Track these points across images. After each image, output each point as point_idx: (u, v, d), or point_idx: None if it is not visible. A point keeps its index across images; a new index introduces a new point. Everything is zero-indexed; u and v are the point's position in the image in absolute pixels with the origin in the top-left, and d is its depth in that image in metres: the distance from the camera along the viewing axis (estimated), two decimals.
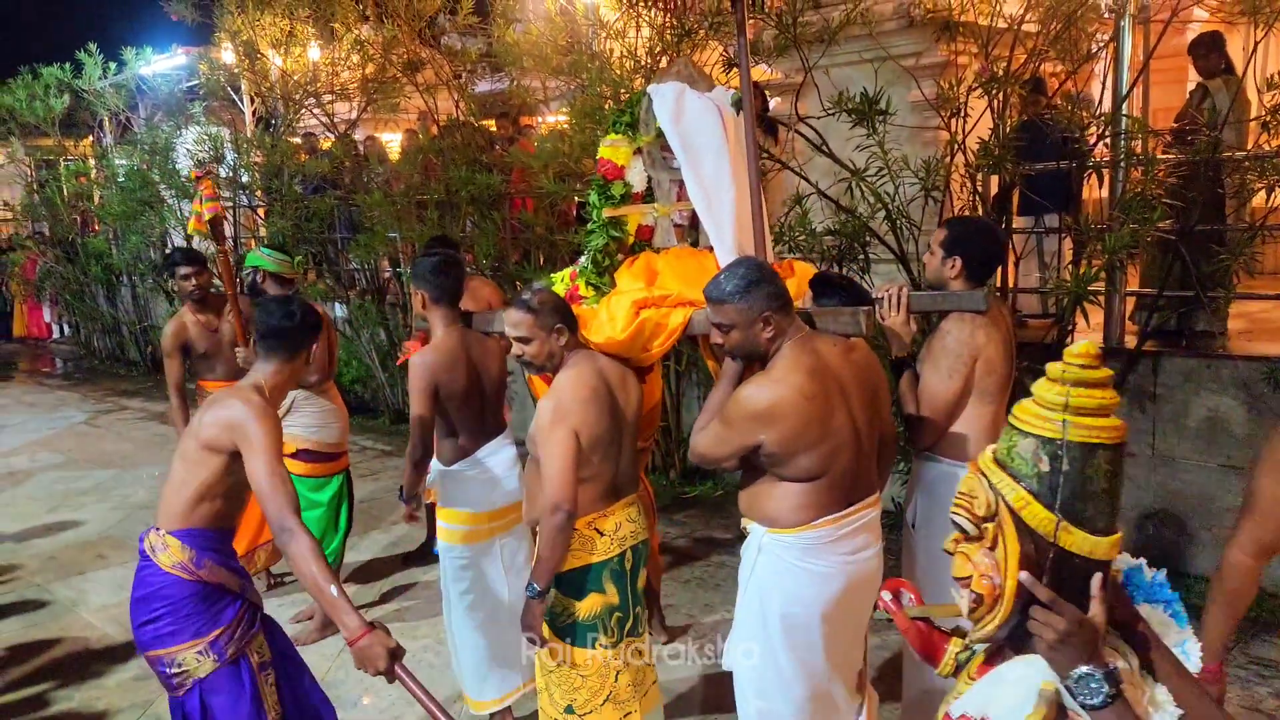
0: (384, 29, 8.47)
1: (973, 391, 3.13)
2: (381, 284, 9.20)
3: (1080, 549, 1.46)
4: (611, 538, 3.07)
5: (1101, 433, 1.43)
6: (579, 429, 2.92)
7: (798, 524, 2.69)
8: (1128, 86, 5.08)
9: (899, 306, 3.10)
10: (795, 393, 2.60)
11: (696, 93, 3.39)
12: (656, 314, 3.13)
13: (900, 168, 5.08)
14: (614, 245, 3.44)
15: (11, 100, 12.74)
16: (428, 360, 3.54)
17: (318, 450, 4.83)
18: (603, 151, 3.52)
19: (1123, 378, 5.08)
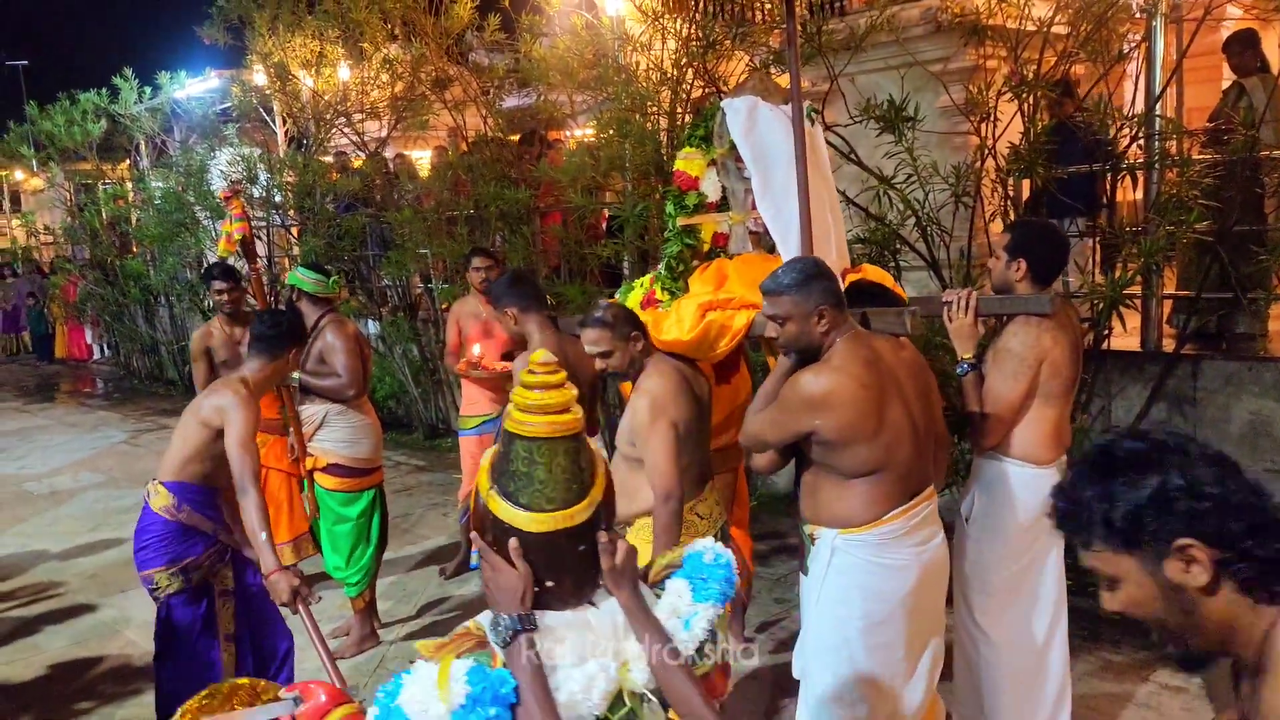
0: (412, 48, 8.54)
1: (1037, 394, 3.17)
2: (413, 300, 9.27)
3: (503, 516, 1.71)
4: (707, 520, 3.28)
5: (520, 426, 1.72)
6: (676, 421, 3.09)
7: (870, 520, 2.75)
8: (1161, 87, 5.02)
9: (967, 309, 3.15)
10: (853, 381, 2.68)
11: (769, 105, 3.50)
12: (721, 316, 3.29)
13: (930, 174, 5.05)
14: (688, 252, 3.65)
15: (51, 126, 13.01)
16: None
17: (349, 465, 4.85)
18: (678, 164, 3.73)
19: (1161, 382, 5.00)
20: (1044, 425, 3.20)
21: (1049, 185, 5.02)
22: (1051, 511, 1.58)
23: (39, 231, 17.40)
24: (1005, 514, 3.25)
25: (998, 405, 3.16)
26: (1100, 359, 5.10)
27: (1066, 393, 3.25)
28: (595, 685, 1.72)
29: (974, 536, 3.32)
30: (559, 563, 1.74)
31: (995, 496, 3.26)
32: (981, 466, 3.33)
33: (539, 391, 1.75)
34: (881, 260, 5.28)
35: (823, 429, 2.70)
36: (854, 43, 5.38)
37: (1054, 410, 3.21)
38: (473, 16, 8.21)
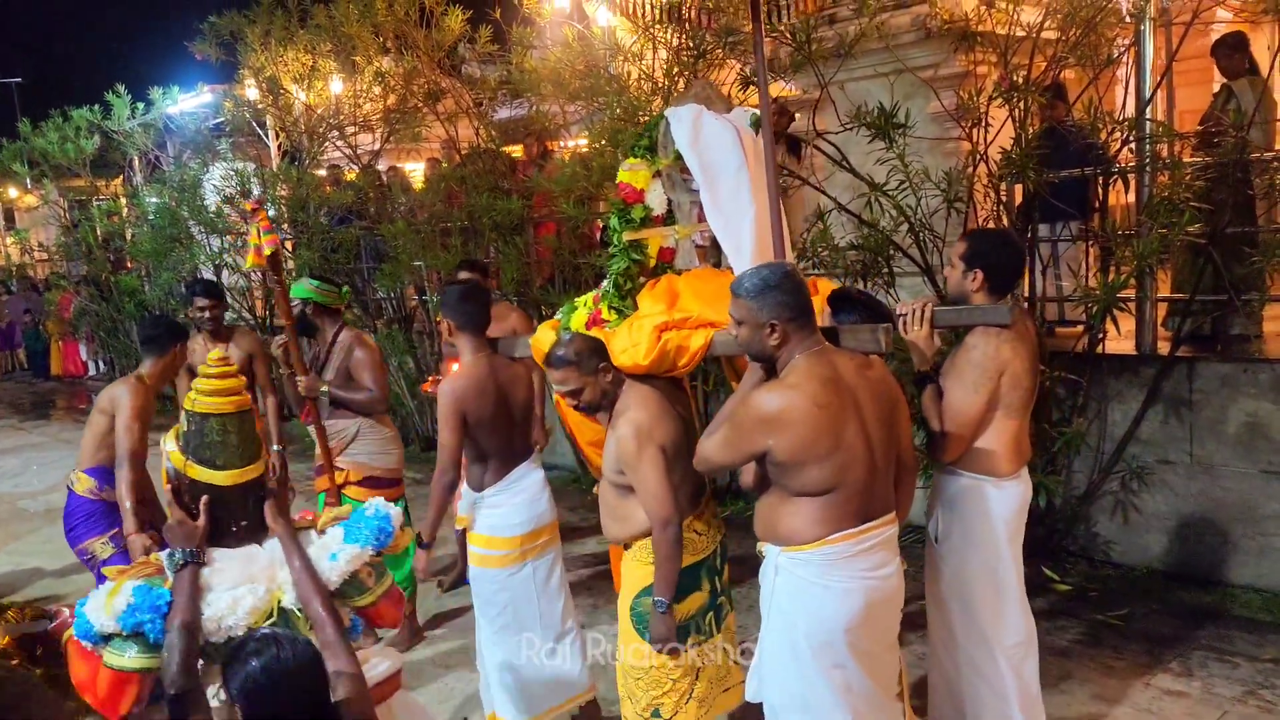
0: (404, 60, 8.55)
1: (998, 405, 3.11)
2: (408, 312, 9.25)
3: (202, 478, 2.47)
4: (705, 535, 3.23)
5: (211, 407, 2.48)
6: (663, 443, 3.05)
7: (814, 539, 2.66)
8: (1151, 90, 5.03)
9: (923, 321, 3.07)
10: (807, 400, 2.59)
11: (714, 114, 3.39)
12: (678, 336, 3.14)
13: (922, 180, 5.05)
14: (635, 268, 3.45)
15: (44, 143, 12.98)
16: (456, 386, 3.61)
17: (381, 476, 4.84)
18: (622, 175, 3.54)
19: (1157, 385, 5.00)
20: (1004, 437, 3.14)
21: (1040, 190, 5.02)
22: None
23: (33, 249, 17.36)
24: (973, 529, 3.18)
25: (959, 418, 3.09)
26: (1095, 363, 5.10)
27: (1026, 404, 3.18)
28: (241, 604, 2.37)
29: (945, 556, 3.25)
30: (242, 508, 2.52)
31: (961, 513, 3.20)
32: (943, 483, 3.26)
33: (220, 380, 2.51)
34: (875, 266, 5.28)
35: (775, 448, 2.60)
36: (844, 50, 5.38)
37: (1014, 422, 3.14)
38: (464, 29, 8.21)
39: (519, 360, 3.81)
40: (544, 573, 3.82)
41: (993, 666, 3.24)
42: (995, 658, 3.24)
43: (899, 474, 2.83)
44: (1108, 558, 5.27)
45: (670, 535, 2.98)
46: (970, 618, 3.25)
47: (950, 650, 3.32)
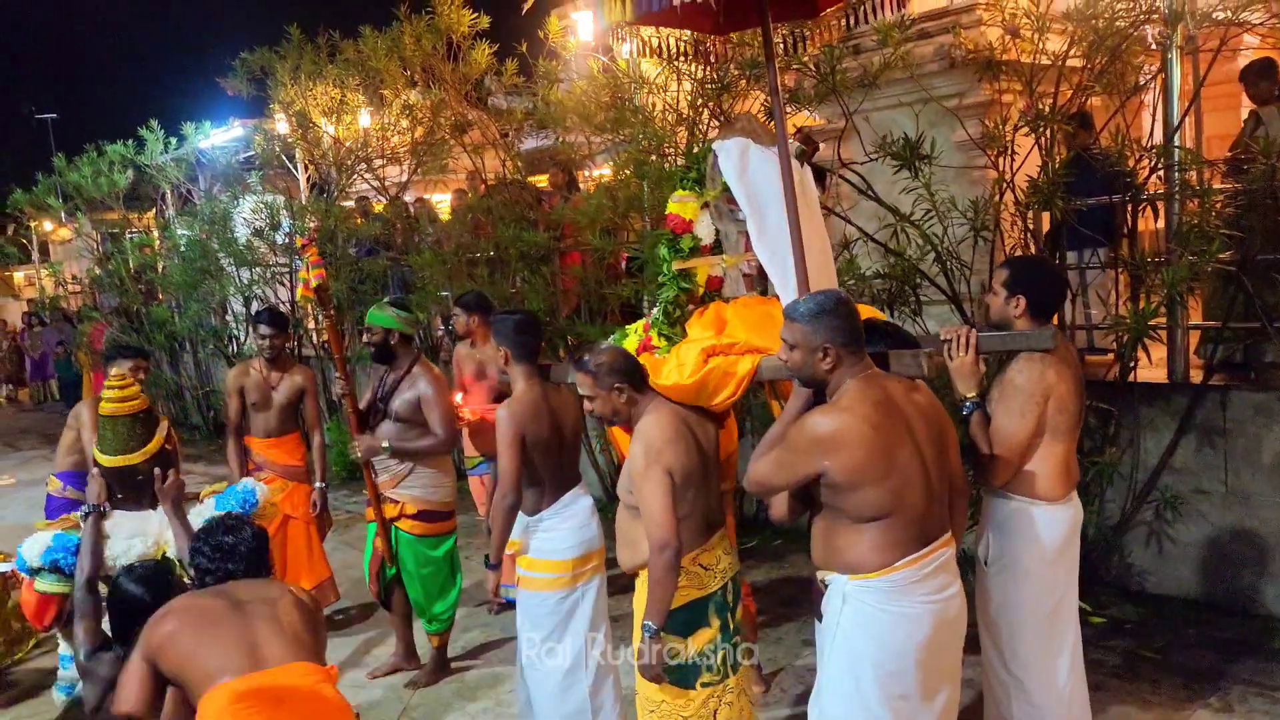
0: (431, 93, 8.66)
1: (1045, 429, 3.14)
2: (434, 342, 9.30)
3: (106, 463, 3.56)
4: (714, 571, 3.18)
5: (120, 409, 3.54)
6: (672, 467, 3.03)
7: (881, 566, 2.68)
8: (1179, 117, 5.00)
9: (967, 347, 3.12)
10: (862, 421, 2.64)
11: (760, 147, 3.49)
12: (724, 361, 3.21)
13: (948, 209, 5.04)
14: (684, 296, 3.59)
15: (78, 178, 13.23)
16: (514, 411, 3.69)
17: (436, 509, 4.84)
18: (671, 207, 3.68)
19: (1189, 413, 4.94)
20: (1053, 461, 3.17)
21: (1068, 217, 5.00)
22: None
23: (66, 281, 17.63)
24: (1024, 554, 3.19)
25: (1006, 443, 3.13)
26: (1127, 391, 5.05)
27: (1073, 427, 3.22)
28: (133, 549, 3.46)
29: (996, 580, 3.26)
30: (130, 482, 3.58)
31: (1010, 536, 3.22)
32: (992, 506, 3.28)
33: (119, 391, 3.56)
34: (902, 295, 5.27)
35: (831, 470, 2.64)
36: (868, 80, 5.40)
37: (1062, 446, 3.17)
38: (491, 62, 8.31)
39: (570, 387, 3.86)
40: (591, 598, 3.85)
41: (1043, 693, 3.23)
42: (1045, 683, 3.23)
43: (952, 497, 2.86)
44: (1142, 588, 5.19)
45: (664, 560, 2.95)
46: (1020, 642, 3.25)
47: (1000, 675, 3.32)
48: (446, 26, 7.95)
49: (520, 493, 3.73)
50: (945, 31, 5.95)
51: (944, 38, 5.93)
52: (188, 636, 2.66)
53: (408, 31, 8.12)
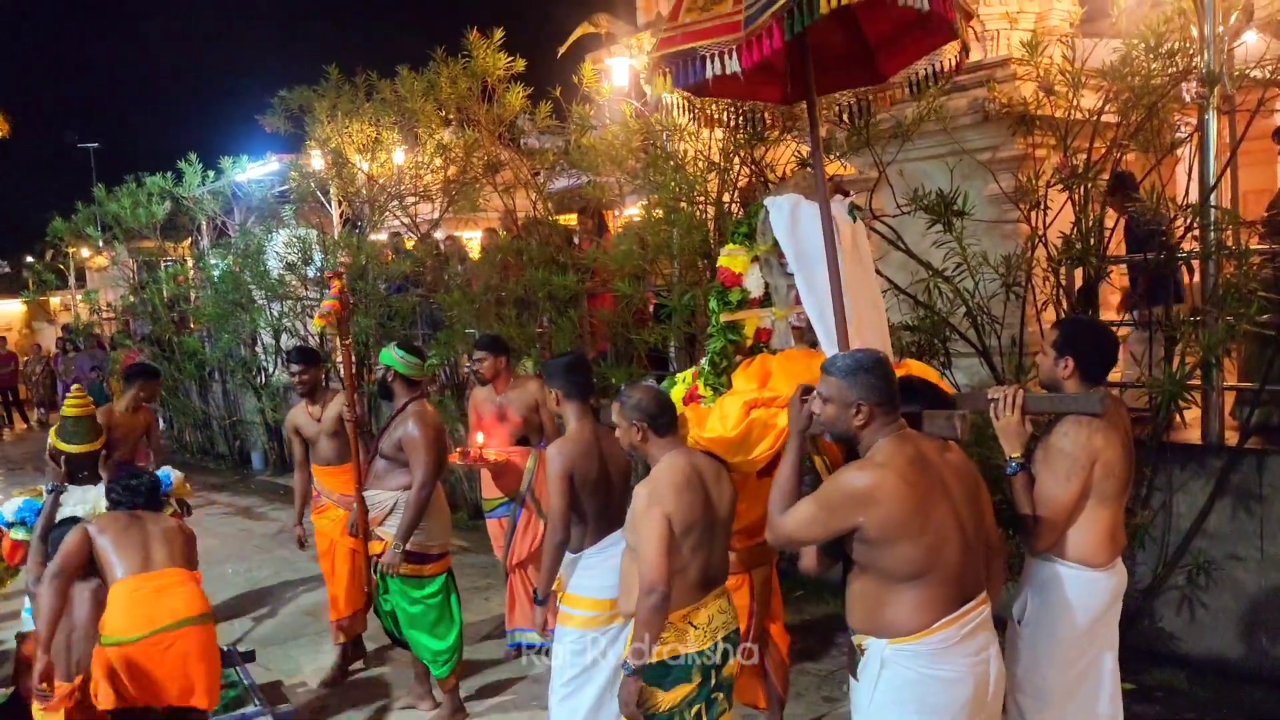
0: (465, 133, 8.75)
1: (1091, 494, 3.10)
2: (461, 380, 9.32)
3: (64, 449, 4.95)
4: (705, 630, 3.17)
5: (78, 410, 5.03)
6: (672, 514, 3.06)
7: (920, 628, 2.65)
8: (1215, 177, 4.96)
9: (1013, 408, 3.09)
10: (897, 477, 2.64)
11: (811, 203, 3.52)
12: (765, 414, 3.24)
13: (979, 263, 5.01)
14: (731, 348, 3.64)
15: (117, 208, 13.45)
16: (566, 450, 3.73)
17: (416, 551, 4.78)
18: (721, 260, 3.75)
19: (1224, 476, 4.85)
20: (1098, 527, 3.12)
21: (1104, 274, 4.95)
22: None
23: (101, 308, 17.87)
24: (1059, 617, 3.15)
25: (1050, 507, 3.09)
26: (1160, 453, 4.96)
27: (1121, 493, 3.17)
28: (76, 512, 4.56)
29: (1027, 640, 3.22)
30: (84, 465, 4.97)
31: (1048, 599, 3.17)
32: (1034, 568, 3.24)
33: (76, 401, 4.99)
34: (931, 348, 5.23)
35: (867, 525, 2.63)
36: (901, 132, 5.39)
37: (1108, 511, 3.13)
38: (524, 104, 8.40)
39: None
40: (624, 642, 3.79)
41: None
42: None
43: (988, 556, 2.84)
44: (1174, 654, 5.07)
45: (651, 602, 2.98)
46: (1041, 707, 3.19)
47: None
48: (482, 69, 8.04)
49: (569, 530, 3.76)
50: (980, 85, 5.95)
51: (978, 91, 5.93)
52: (108, 537, 4.06)
53: (444, 73, 8.22)
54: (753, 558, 3.95)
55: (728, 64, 2.90)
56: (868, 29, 3.67)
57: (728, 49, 2.90)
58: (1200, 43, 4.85)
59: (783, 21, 2.80)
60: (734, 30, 2.88)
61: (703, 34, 2.99)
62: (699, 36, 3.00)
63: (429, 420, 4.77)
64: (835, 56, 3.70)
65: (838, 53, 3.68)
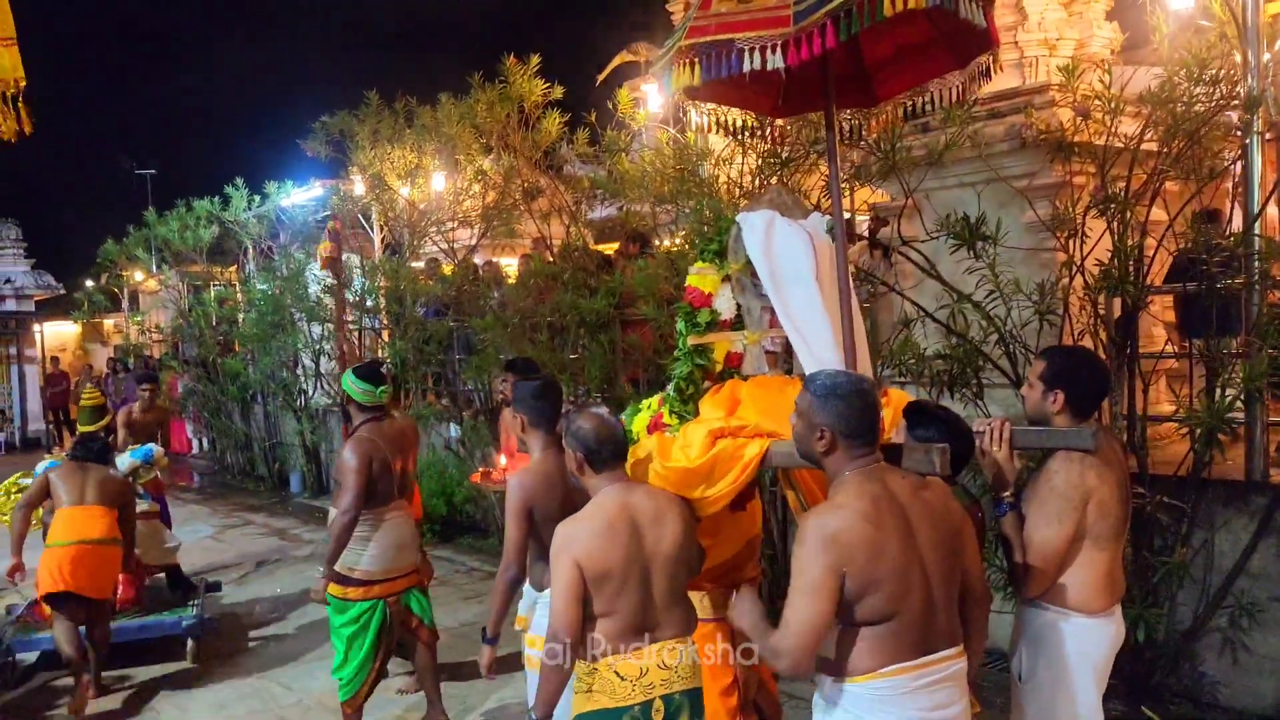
0: (503, 160, 8.81)
1: (1086, 536, 2.90)
2: (494, 405, 9.32)
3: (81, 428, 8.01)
4: (634, 684, 2.91)
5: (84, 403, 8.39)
6: (582, 560, 2.86)
7: (866, 671, 2.47)
8: (1260, 205, 4.82)
9: (1000, 441, 2.93)
10: (858, 516, 2.45)
11: (788, 220, 3.33)
12: (732, 444, 3.03)
13: (1013, 291, 4.90)
14: (699, 373, 3.40)
15: (166, 231, 13.74)
16: (524, 481, 3.56)
17: (343, 574, 4.71)
18: (690, 279, 3.51)
19: (1269, 515, 4.67)
20: (1095, 570, 2.92)
21: (1143, 303, 4.82)
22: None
23: (150, 330, 18.23)
24: (1057, 670, 2.95)
25: (1041, 551, 2.89)
26: (1200, 488, 4.79)
27: (1117, 534, 2.97)
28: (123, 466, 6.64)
29: (1029, 697, 3.02)
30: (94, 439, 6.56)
31: (1044, 650, 2.98)
32: (1027, 616, 3.04)
33: (89, 395, 8.41)
34: (963, 378, 5.11)
35: (849, 575, 2.41)
36: (933, 159, 5.32)
37: (1105, 554, 2.93)
38: (562, 131, 8.44)
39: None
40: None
41: None
42: None
43: (967, 606, 2.63)
44: (1215, 700, 4.87)
45: (553, 656, 2.82)
46: None
47: None
48: (519, 95, 8.11)
49: (523, 566, 3.59)
50: (1017, 111, 5.85)
51: (1015, 118, 5.84)
52: (60, 479, 5.74)
53: (482, 100, 8.30)
54: (724, 602, 3.59)
55: (770, 59, 2.69)
56: (867, 51, 3.51)
57: (772, 43, 2.69)
58: (1244, 69, 4.74)
59: (839, 21, 2.62)
60: (782, 25, 2.68)
61: (743, 25, 2.77)
62: (738, 28, 2.78)
63: (360, 448, 4.64)
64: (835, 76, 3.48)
65: (837, 72, 3.44)
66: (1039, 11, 8.25)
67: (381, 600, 4.76)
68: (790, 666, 2.50)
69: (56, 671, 6.05)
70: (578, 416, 3.07)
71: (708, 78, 2.89)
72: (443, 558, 8.46)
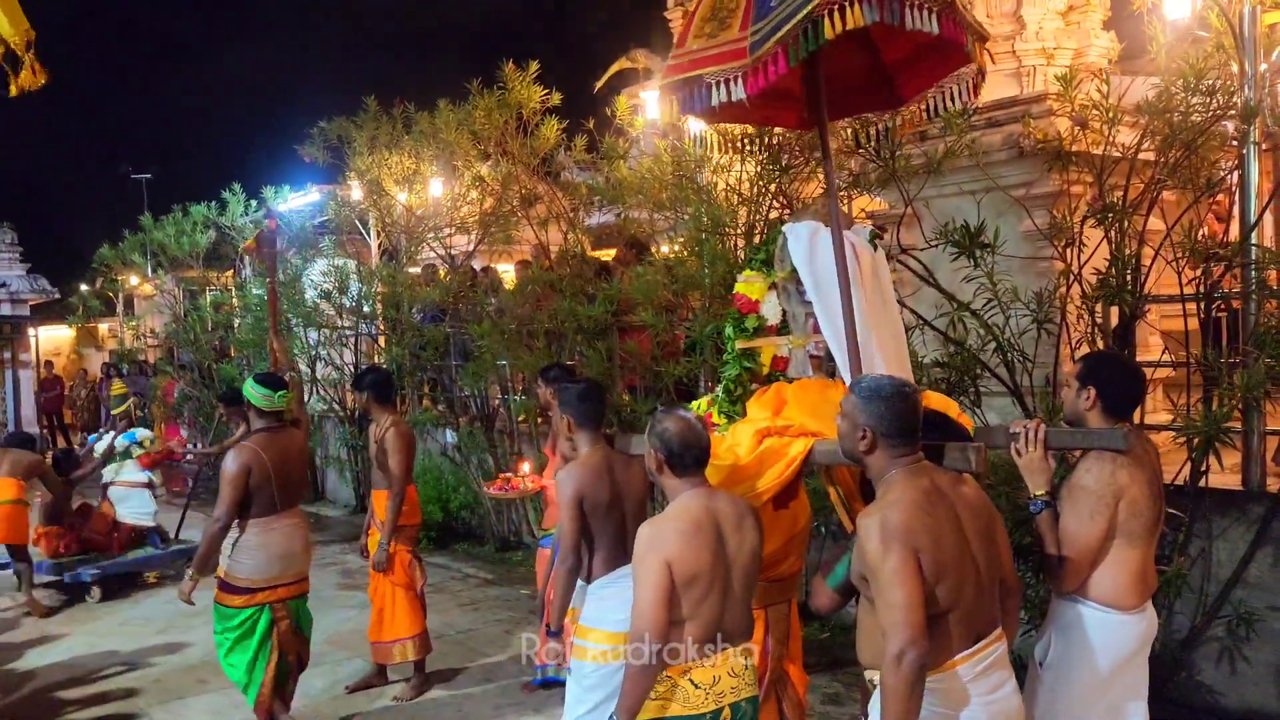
0: (501, 166, 8.81)
1: (1117, 534, 3.00)
2: (491, 411, 9.32)
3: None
4: (707, 692, 2.89)
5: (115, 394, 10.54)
6: (673, 561, 2.83)
7: (934, 666, 2.53)
8: (1256, 215, 4.84)
9: (1035, 443, 3.02)
10: (916, 508, 2.55)
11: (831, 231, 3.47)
12: (778, 442, 3.18)
13: (1011, 299, 4.91)
14: (746, 376, 3.59)
15: (162, 236, 13.71)
16: (575, 474, 3.70)
17: (225, 580, 4.77)
18: (738, 287, 3.71)
19: (1266, 524, 4.68)
20: (1127, 567, 3.02)
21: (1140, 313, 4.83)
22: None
23: (145, 335, 18.19)
24: (1083, 661, 3.04)
25: (1075, 547, 3.00)
26: (1198, 497, 4.80)
27: (1150, 533, 3.06)
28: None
29: (1048, 684, 3.10)
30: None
31: (1073, 641, 3.06)
32: (1060, 608, 3.14)
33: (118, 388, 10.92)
34: (961, 386, 5.12)
35: (924, 564, 2.50)
36: (932, 167, 5.33)
37: (1137, 551, 3.03)
38: (560, 137, 8.44)
39: (635, 457, 3.82)
40: None
41: None
42: None
43: (1002, 595, 2.74)
44: (1213, 708, 4.87)
45: (639, 656, 2.77)
46: None
47: None
48: (517, 102, 8.11)
49: (579, 556, 3.69)
50: (1014, 121, 5.88)
51: (1013, 127, 5.86)
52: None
53: (480, 106, 8.29)
54: (767, 594, 3.75)
55: (733, 90, 2.88)
56: (885, 53, 3.63)
57: (733, 76, 2.88)
58: (1241, 79, 4.76)
59: (788, 48, 2.78)
60: (740, 57, 2.87)
61: (709, 60, 2.97)
62: (706, 63, 2.98)
63: (240, 458, 4.67)
64: (854, 81, 3.65)
65: (857, 77, 3.64)
66: (1037, 21, 8.29)
67: (266, 606, 4.78)
68: (916, 658, 2.40)
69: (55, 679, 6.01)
70: (665, 417, 3.03)
71: (684, 113, 3.13)
72: (438, 564, 8.44)
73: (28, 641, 7.00)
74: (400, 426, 5.66)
